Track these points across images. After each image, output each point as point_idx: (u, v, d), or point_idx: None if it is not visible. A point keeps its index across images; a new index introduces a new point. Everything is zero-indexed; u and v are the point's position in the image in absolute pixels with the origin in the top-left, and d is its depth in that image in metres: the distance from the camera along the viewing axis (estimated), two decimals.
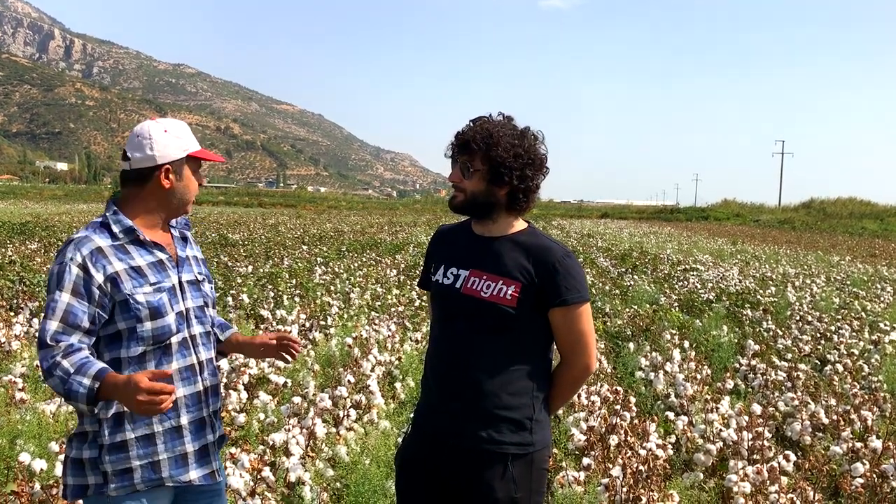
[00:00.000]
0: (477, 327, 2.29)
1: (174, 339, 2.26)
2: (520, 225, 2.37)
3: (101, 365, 2.08)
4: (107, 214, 2.28)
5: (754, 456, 4.60)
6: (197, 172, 2.35)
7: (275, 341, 2.49)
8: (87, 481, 2.20)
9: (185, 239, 2.44)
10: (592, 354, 2.36)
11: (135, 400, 1.98)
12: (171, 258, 2.32)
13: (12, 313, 7.91)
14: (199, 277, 2.41)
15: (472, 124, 2.31)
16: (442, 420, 2.34)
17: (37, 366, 5.72)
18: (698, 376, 6.19)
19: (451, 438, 2.32)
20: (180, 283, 2.32)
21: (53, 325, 2.11)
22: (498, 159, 2.24)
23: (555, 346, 2.40)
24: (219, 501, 2.43)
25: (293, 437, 4.24)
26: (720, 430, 4.83)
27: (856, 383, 6.35)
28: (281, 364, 6.11)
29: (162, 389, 1.98)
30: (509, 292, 2.25)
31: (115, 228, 2.24)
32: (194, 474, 2.28)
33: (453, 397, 2.32)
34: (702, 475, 4.43)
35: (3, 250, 14.31)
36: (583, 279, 2.31)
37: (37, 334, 2.19)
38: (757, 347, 7.46)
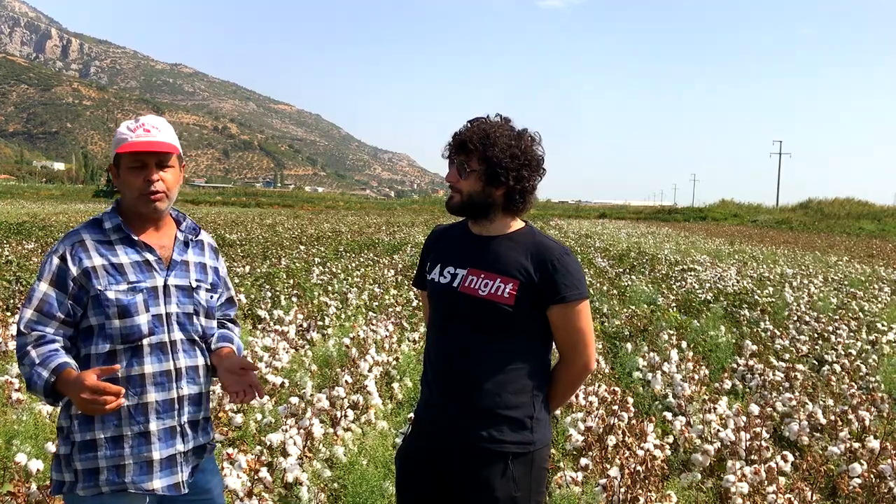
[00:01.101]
0: (475, 326, 2.29)
1: (146, 342, 2.20)
2: (518, 224, 2.37)
3: (64, 359, 2.09)
4: (106, 211, 2.30)
5: (752, 456, 4.60)
6: (136, 169, 2.23)
7: (240, 369, 2.32)
8: (63, 478, 2.20)
9: (187, 244, 2.37)
10: (592, 353, 2.36)
11: (79, 397, 2.00)
12: (160, 260, 2.28)
13: (9, 313, 7.89)
14: (195, 284, 2.33)
15: (469, 125, 2.30)
16: (442, 419, 2.34)
17: None
18: (696, 376, 6.19)
19: (451, 437, 2.31)
20: (166, 286, 2.26)
21: (28, 314, 2.16)
22: (494, 160, 2.23)
23: (553, 346, 2.40)
24: None
25: (290, 437, 4.22)
26: (718, 431, 4.83)
27: (853, 383, 6.35)
28: (278, 364, 6.10)
29: (106, 389, 1.98)
30: (507, 290, 2.24)
31: (106, 225, 2.26)
32: (158, 483, 2.21)
33: (453, 396, 2.32)
34: (700, 475, 4.42)
35: (0, 250, 14.29)
36: (581, 277, 2.30)
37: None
38: (755, 348, 7.46)
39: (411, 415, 4.71)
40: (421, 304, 9.54)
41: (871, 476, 4.25)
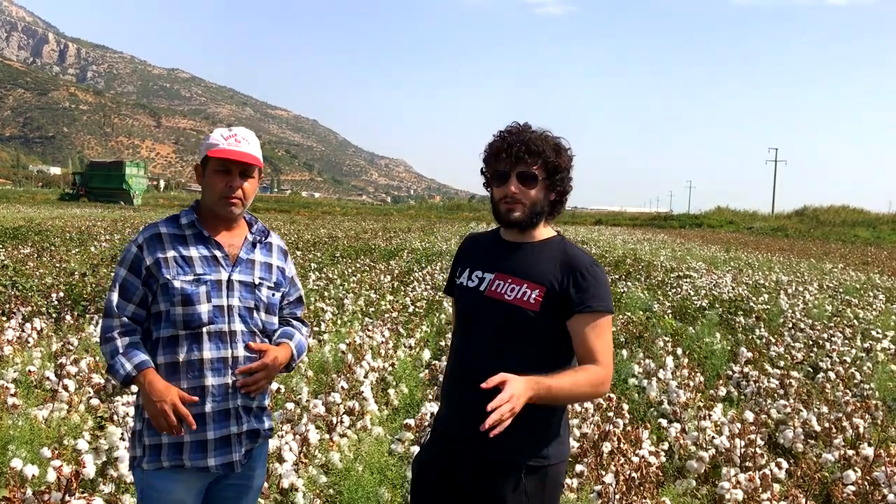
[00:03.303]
0: (498, 331, 2.27)
1: (206, 329, 2.39)
2: (549, 232, 2.37)
3: (145, 357, 2.36)
4: (185, 209, 2.54)
5: (747, 463, 4.62)
6: (221, 173, 2.43)
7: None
8: (136, 453, 2.43)
9: (254, 244, 2.55)
10: (609, 371, 2.25)
11: (156, 405, 2.30)
12: (227, 257, 2.47)
13: (4, 318, 7.88)
14: (258, 281, 2.51)
15: (521, 133, 2.27)
16: (458, 427, 2.30)
17: (30, 371, 5.72)
18: (691, 383, 6.21)
19: (465, 447, 2.28)
20: (230, 280, 2.45)
21: (115, 296, 2.41)
22: (563, 167, 2.27)
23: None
24: (245, 495, 2.53)
25: (286, 443, 4.23)
26: (713, 438, 4.85)
27: (848, 391, 6.37)
28: None
29: (184, 417, 2.31)
30: (533, 296, 2.23)
31: (182, 221, 2.49)
32: (212, 461, 2.40)
33: (472, 405, 2.24)
34: (694, 482, 4.44)
35: None
36: (608, 291, 2.26)
37: (102, 306, 2.44)
38: (750, 355, 7.48)
39: (408, 420, 4.72)
40: (418, 310, 9.56)
41: (866, 483, 4.27)
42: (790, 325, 9.65)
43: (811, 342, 8.49)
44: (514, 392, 2.02)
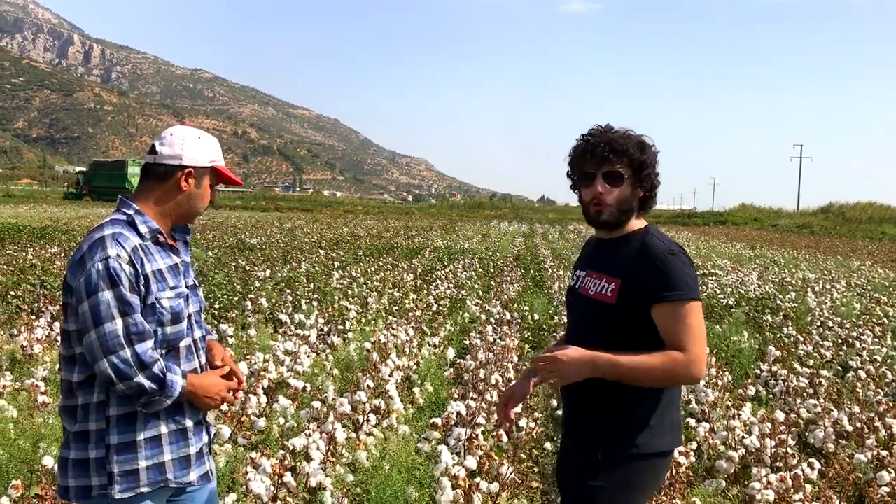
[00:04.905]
0: (586, 326, 2.38)
1: (182, 344, 2.28)
2: (637, 224, 2.39)
3: (178, 367, 2.25)
4: (129, 213, 2.25)
5: (777, 463, 4.56)
6: (213, 187, 2.38)
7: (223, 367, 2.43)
8: (90, 482, 2.16)
9: (186, 243, 2.43)
10: (696, 359, 2.19)
11: (213, 396, 2.30)
12: (184, 262, 2.36)
13: (34, 317, 7.98)
14: (196, 283, 2.43)
15: (604, 135, 2.32)
16: (565, 417, 2.52)
17: (59, 369, 5.75)
18: (719, 383, 6.14)
19: (566, 436, 2.50)
20: (186, 287, 2.34)
21: (139, 318, 2.12)
22: (647, 163, 2.31)
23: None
24: (212, 501, 2.47)
25: (313, 441, 4.24)
26: (742, 437, 4.79)
27: (879, 390, 6.27)
28: (300, 368, 6.12)
29: (240, 383, 2.38)
30: (610, 289, 2.29)
31: (142, 229, 2.23)
32: (194, 475, 2.32)
33: (565, 397, 2.46)
34: (724, 482, 4.39)
35: (24, 254, 14.44)
36: (686, 278, 2.22)
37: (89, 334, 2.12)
38: (778, 353, 7.38)
39: (434, 420, 4.72)
40: (442, 308, 9.55)
41: None
42: (818, 324, 9.52)
43: (840, 341, 8.37)
44: (561, 354, 2.22)
